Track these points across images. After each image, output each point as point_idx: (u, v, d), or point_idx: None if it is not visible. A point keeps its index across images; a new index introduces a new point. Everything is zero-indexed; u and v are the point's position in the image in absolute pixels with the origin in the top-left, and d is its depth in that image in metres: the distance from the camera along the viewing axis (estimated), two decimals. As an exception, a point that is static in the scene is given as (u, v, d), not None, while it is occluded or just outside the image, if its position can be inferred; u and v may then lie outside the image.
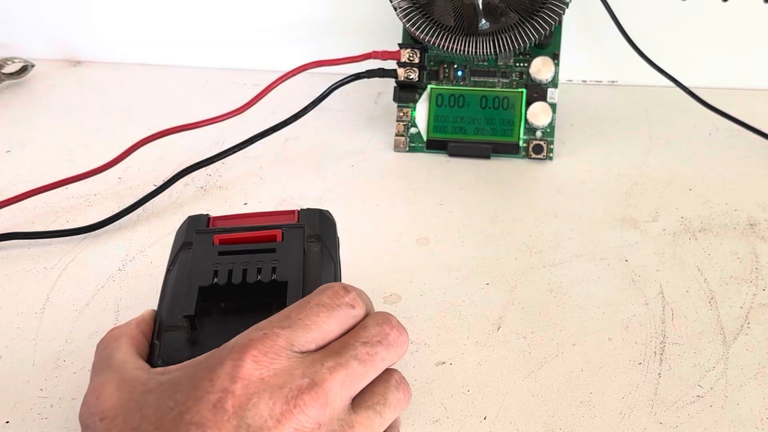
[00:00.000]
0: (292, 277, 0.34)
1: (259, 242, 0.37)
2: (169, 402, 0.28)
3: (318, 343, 0.30)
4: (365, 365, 0.30)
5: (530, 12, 0.57)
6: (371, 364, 0.30)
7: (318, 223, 0.39)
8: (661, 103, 0.65)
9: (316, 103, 0.59)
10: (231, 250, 0.36)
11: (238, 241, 0.37)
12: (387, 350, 0.31)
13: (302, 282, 0.34)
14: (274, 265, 0.35)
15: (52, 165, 0.59)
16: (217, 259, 0.35)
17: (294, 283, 0.34)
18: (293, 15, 0.70)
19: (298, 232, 0.37)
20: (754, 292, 0.45)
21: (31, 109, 0.68)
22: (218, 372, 0.28)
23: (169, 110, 0.66)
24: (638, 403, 0.38)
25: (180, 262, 0.37)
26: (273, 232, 0.37)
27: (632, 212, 0.52)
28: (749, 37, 0.66)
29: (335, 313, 0.31)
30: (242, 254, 0.36)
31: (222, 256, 0.36)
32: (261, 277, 0.34)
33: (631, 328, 0.43)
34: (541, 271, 0.47)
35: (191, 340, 0.33)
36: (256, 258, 0.35)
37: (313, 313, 0.30)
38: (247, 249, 0.36)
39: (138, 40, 0.73)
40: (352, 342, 0.30)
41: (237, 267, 0.35)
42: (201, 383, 0.28)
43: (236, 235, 0.37)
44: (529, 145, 0.59)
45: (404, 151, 0.60)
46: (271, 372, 0.28)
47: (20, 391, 0.40)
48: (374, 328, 0.31)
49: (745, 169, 0.57)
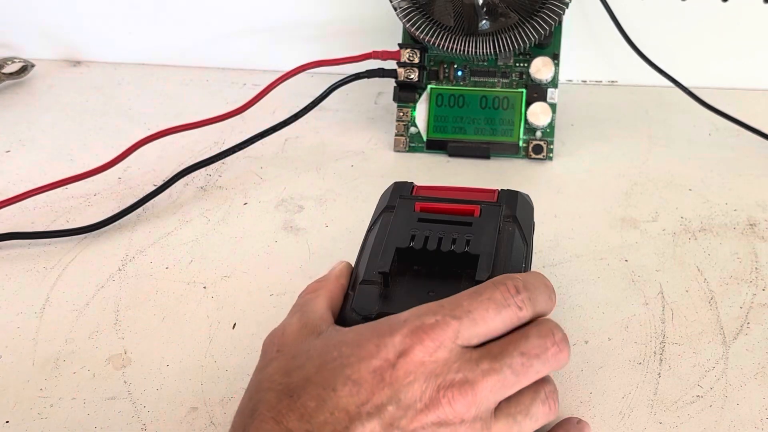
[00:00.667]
0: (484, 252, 0.36)
1: (457, 214, 0.39)
2: (333, 351, 0.30)
3: (480, 339, 0.31)
4: (518, 376, 0.31)
5: (530, 12, 0.57)
6: (524, 376, 0.31)
7: (516, 205, 0.40)
8: (661, 103, 0.65)
9: (316, 103, 0.59)
10: (430, 218, 0.38)
11: (439, 211, 0.39)
12: (543, 365, 0.32)
13: (493, 258, 0.36)
14: (469, 238, 0.37)
15: (52, 165, 0.59)
16: (416, 225, 0.38)
17: (485, 258, 0.36)
18: (293, 15, 0.70)
19: (495, 210, 0.39)
20: (754, 292, 0.45)
21: (31, 109, 0.68)
22: (386, 341, 0.30)
23: (169, 110, 0.66)
24: (638, 403, 0.38)
25: (382, 223, 0.39)
26: (472, 207, 0.39)
27: (632, 212, 0.52)
28: (749, 37, 0.66)
29: (503, 312, 0.31)
30: (440, 224, 0.38)
31: (421, 223, 0.38)
32: (455, 247, 0.36)
33: (630, 328, 0.43)
34: (541, 270, 0.47)
35: (383, 295, 0.35)
36: (452, 229, 0.37)
37: (483, 307, 0.31)
38: (445, 219, 0.38)
39: (138, 40, 0.73)
40: (510, 350, 0.31)
41: (433, 235, 0.37)
42: (367, 345, 0.30)
43: (437, 205, 0.39)
44: (529, 145, 0.59)
45: (404, 151, 0.60)
46: (432, 359, 0.30)
47: (20, 391, 0.40)
48: (535, 340, 0.32)
49: (745, 169, 0.57)
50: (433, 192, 0.41)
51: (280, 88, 0.58)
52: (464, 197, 0.40)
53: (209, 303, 0.45)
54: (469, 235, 0.37)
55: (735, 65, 0.67)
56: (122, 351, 0.42)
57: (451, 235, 0.37)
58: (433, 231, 0.37)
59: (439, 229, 0.37)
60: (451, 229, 0.37)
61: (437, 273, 0.36)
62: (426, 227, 0.38)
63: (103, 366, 0.41)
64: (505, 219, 0.39)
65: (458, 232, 0.37)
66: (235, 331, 0.44)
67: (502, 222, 0.38)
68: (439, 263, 0.37)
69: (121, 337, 0.43)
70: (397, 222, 0.38)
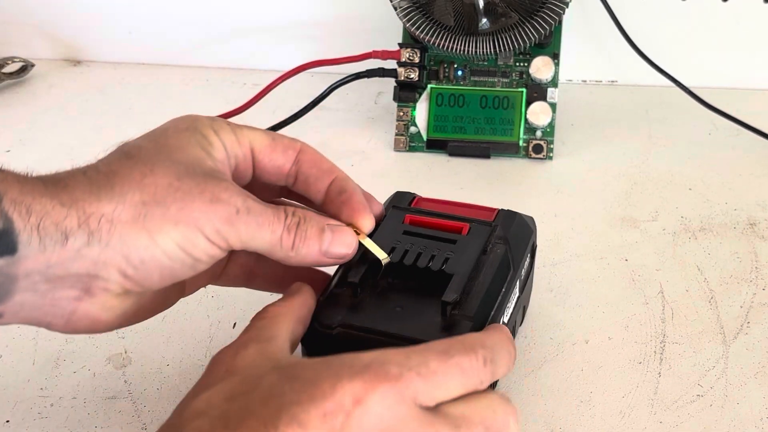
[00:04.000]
0: (459, 273, 0.35)
1: (444, 231, 0.38)
2: (285, 385, 0.28)
3: (437, 402, 0.29)
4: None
5: (530, 12, 0.57)
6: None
7: (511, 226, 0.39)
8: (661, 103, 0.65)
9: (316, 103, 0.59)
10: (416, 232, 0.38)
11: (426, 225, 0.38)
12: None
13: (467, 279, 0.35)
14: (449, 256, 0.36)
15: (52, 165, 0.59)
16: (400, 237, 0.37)
17: (457, 279, 0.35)
18: (293, 15, 0.70)
19: (485, 230, 0.38)
20: (754, 291, 0.45)
21: (31, 109, 0.68)
22: (344, 385, 0.27)
23: (169, 110, 0.66)
24: (638, 403, 0.38)
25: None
26: (460, 225, 0.38)
27: (632, 212, 0.52)
28: (749, 37, 0.66)
29: (467, 382, 0.30)
30: (424, 238, 0.37)
31: (405, 236, 0.37)
32: (431, 264, 0.36)
33: (631, 328, 0.43)
34: (541, 270, 0.47)
35: (350, 306, 0.35)
36: (435, 245, 0.37)
37: (450, 372, 0.29)
38: (430, 234, 0.37)
39: (138, 40, 0.73)
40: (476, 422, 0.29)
41: (413, 249, 0.36)
42: (322, 385, 0.27)
43: (425, 219, 0.38)
44: (529, 144, 0.59)
45: (404, 150, 0.60)
46: (390, 414, 0.27)
47: (20, 391, 0.40)
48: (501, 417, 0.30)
49: (745, 169, 0.57)
50: (430, 205, 0.40)
51: (280, 88, 0.58)
52: (462, 213, 0.39)
53: (209, 302, 0.45)
54: (450, 253, 0.36)
55: (735, 65, 0.67)
56: (122, 350, 0.42)
57: (431, 252, 0.36)
58: (414, 245, 0.36)
59: (422, 243, 0.37)
60: (434, 245, 0.37)
61: (410, 288, 0.36)
62: (409, 240, 0.37)
63: (103, 365, 0.41)
64: (496, 240, 0.37)
65: (440, 249, 0.36)
66: (236, 330, 0.43)
67: (493, 243, 0.37)
68: (413, 278, 0.36)
69: (122, 337, 0.43)
70: (382, 232, 0.37)
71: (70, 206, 0.29)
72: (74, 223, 0.29)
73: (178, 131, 0.34)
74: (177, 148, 0.33)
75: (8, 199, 0.28)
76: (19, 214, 0.29)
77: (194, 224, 0.31)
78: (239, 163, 0.35)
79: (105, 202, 0.30)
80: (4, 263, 0.29)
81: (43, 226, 0.29)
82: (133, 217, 0.30)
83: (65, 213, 0.29)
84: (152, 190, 0.31)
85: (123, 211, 0.30)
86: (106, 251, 0.30)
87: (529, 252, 0.40)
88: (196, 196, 0.31)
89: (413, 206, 0.40)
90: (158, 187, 0.31)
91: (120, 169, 0.31)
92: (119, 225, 0.30)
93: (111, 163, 0.32)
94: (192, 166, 0.32)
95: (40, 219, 0.29)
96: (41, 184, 0.30)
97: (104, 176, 0.31)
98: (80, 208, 0.30)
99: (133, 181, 0.31)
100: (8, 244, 0.28)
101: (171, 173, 0.31)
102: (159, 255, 0.31)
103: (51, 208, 0.29)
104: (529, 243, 0.40)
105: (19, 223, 0.28)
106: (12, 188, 0.29)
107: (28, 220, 0.29)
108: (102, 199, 0.30)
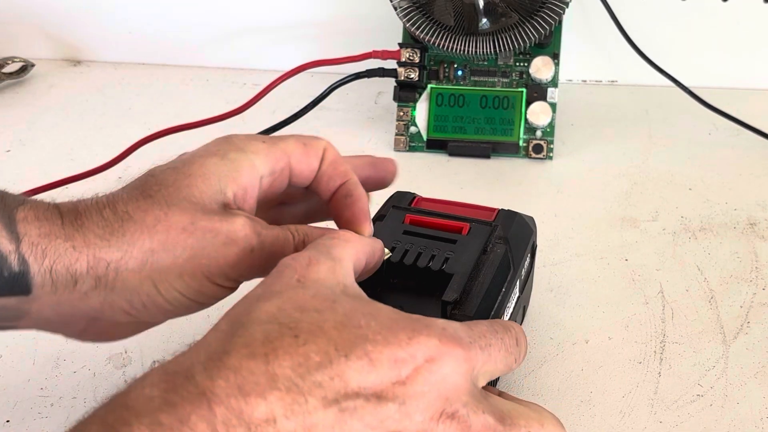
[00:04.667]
0: (459, 273, 0.35)
1: (444, 231, 0.38)
2: (361, 319, 0.27)
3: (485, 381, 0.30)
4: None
5: (530, 12, 0.57)
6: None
7: (511, 226, 0.39)
8: (661, 103, 0.65)
9: (316, 103, 0.59)
10: (416, 232, 0.38)
11: (426, 225, 0.38)
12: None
13: (467, 279, 0.35)
14: (449, 256, 0.36)
15: (52, 165, 0.59)
16: (400, 237, 0.37)
17: (457, 279, 0.35)
18: (293, 15, 0.70)
19: (485, 230, 0.38)
20: (754, 291, 0.45)
21: (31, 109, 0.68)
22: (420, 339, 0.27)
23: (169, 110, 0.66)
24: (638, 402, 0.38)
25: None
26: (460, 225, 0.38)
27: (632, 212, 0.52)
28: (749, 37, 0.66)
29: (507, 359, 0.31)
30: (424, 238, 0.37)
31: (405, 236, 0.37)
32: (431, 264, 0.36)
33: (631, 327, 0.43)
34: (541, 270, 0.47)
35: None
36: (435, 245, 0.37)
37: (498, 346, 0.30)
38: (430, 234, 0.37)
39: (138, 40, 0.73)
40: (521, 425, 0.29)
41: (414, 249, 0.36)
42: (399, 333, 0.27)
43: (426, 219, 0.38)
44: (529, 144, 0.59)
45: (404, 150, 0.60)
46: (453, 380, 0.28)
47: (20, 390, 0.40)
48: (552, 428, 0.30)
49: (745, 169, 0.57)
50: (431, 205, 0.40)
51: (280, 88, 0.58)
52: (461, 213, 0.39)
53: (209, 302, 0.45)
54: (450, 253, 0.36)
55: (735, 65, 0.67)
56: (123, 350, 0.42)
57: (431, 251, 0.36)
58: (415, 245, 0.36)
59: (422, 243, 0.37)
60: (434, 244, 0.36)
61: (410, 288, 0.36)
62: (409, 240, 0.37)
63: (103, 365, 0.41)
64: (496, 240, 0.37)
65: (440, 249, 0.36)
66: (236, 330, 0.43)
67: (493, 243, 0.37)
68: (414, 278, 0.36)
69: (122, 337, 0.43)
70: (382, 232, 0.37)
71: (81, 250, 0.30)
72: (84, 267, 0.30)
73: (208, 156, 0.34)
74: (200, 180, 0.33)
75: (27, 242, 0.30)
76: (35, 258, 0.30)
77: (201, 272, 0.31)
78: (276, 178, 0.35)
79: (114, 249, 0.31)
80: (18, 302, 0.30)
81: (56, 270, 0.30)
82: (139, 265, 0.31)
83: (77, 257, 0.30)
84: (163, 237, 0.31)
85: (130, 260, 0.31)
86: (110, 295, 0.31)
87: (529, 252, 0.40)
88: (209, 241, 0.31)
89: (413, 206, 0.40)
90: (170, 233, 0.31)
91: (135, 213, 0.31)
92: (124, 272, 0.31)
93: (129, 202, 0.32)
94: (210, 202, 0.32)
95: (53, 262, 0.30)
96: (59, 220, 0.31)
97: (119, 220, 0.31)
98: (91, 252, 0.31)
99: (145, 227, 0.31)
100: (23, 286, 0.30)
101: (186, 217, 0.31)
102: (161, 302, 0.32)
103: (64, 251, 0.30)
104: (529, 243, 0.40)
105: (34, 266, 0.30)
106: (31, 230, 0.30)
107: (42, 263, 0.30)
108: (112, 246, 0.31)
